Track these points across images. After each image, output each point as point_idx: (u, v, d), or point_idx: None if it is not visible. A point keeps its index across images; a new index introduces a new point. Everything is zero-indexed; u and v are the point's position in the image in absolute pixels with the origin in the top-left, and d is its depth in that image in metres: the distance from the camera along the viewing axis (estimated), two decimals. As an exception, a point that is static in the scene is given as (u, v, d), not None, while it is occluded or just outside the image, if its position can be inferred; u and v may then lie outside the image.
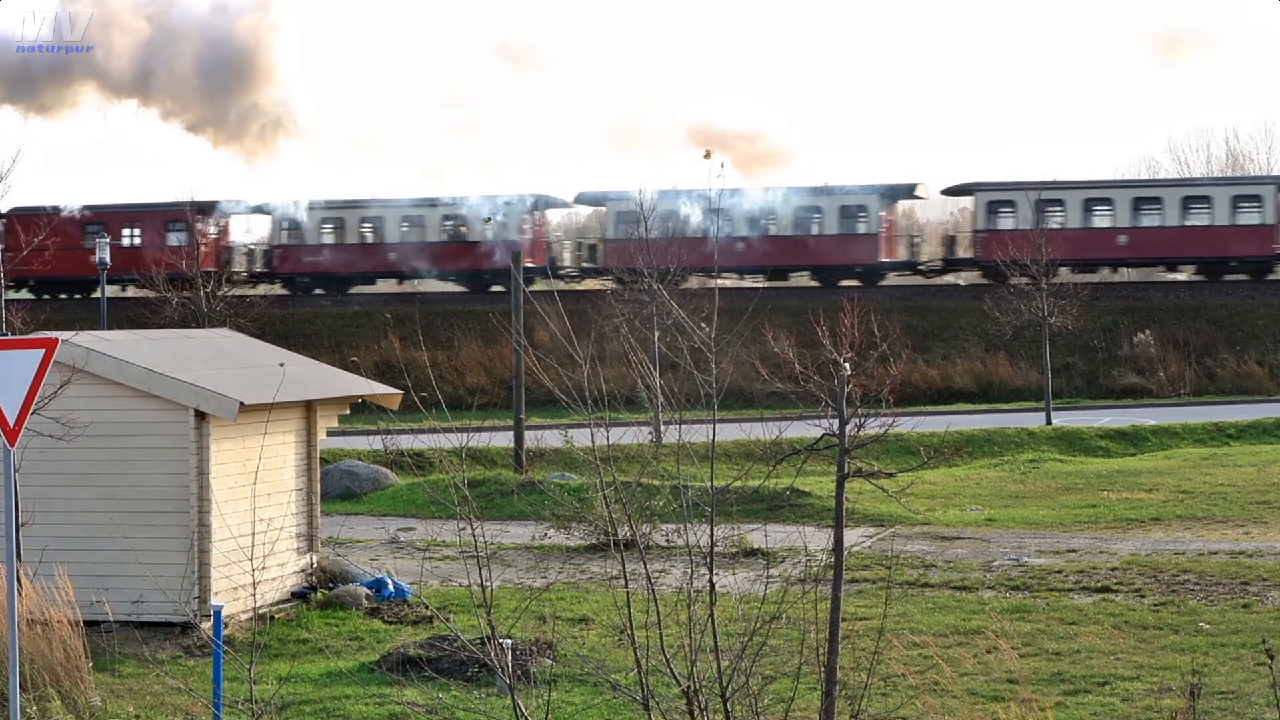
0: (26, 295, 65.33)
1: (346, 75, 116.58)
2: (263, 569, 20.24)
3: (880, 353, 13.06)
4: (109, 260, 53.70)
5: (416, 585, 22.81)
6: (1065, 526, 28.76)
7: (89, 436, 19.18)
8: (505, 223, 65.47)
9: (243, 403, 19.72)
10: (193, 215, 61.86)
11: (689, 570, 11.76)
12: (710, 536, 11.65)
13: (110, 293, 57.13)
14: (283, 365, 21.16)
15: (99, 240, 55.15)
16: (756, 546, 23.29)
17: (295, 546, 22.17)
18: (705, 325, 11.88)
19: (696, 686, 11.37)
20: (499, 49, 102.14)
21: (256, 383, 20.63)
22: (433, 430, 12.57)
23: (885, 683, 16.09)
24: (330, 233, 66.62)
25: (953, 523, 29.31)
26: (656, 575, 11.89)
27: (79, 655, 17.07)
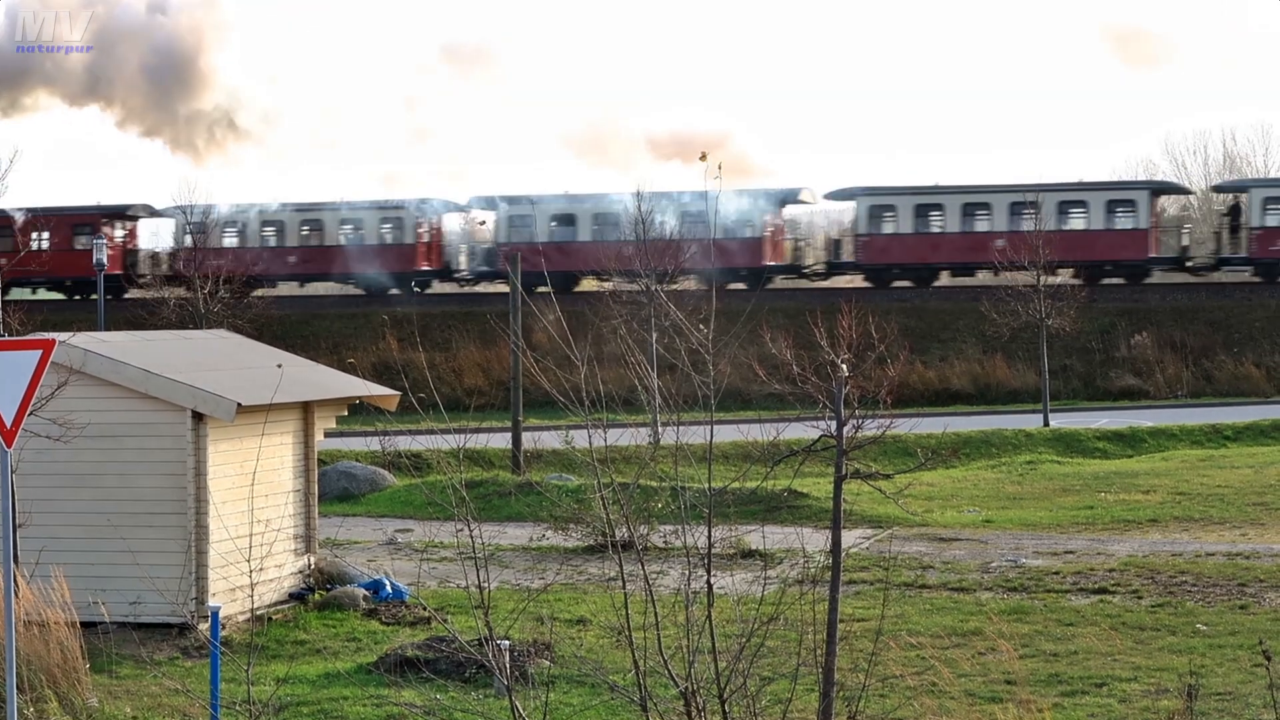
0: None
1: (298, 76, 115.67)
2: (260, 570, 20.22)
3: (878, 354, 13.07)
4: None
5: (414, 586, 22.81)
6: (1063, 528, 28.77)
7: (86, 438, 19.17)
8: (401, 227, 66.40)
9: (240, 404, 19.72)
10: (100, 220, 62.57)
11: (687, 571, 11.77)
12: (708, 538, 11.65)
13: (19, 295, 57.35)
14: (280, 366, 21.16)
15: (95, 241, 55.22)
16: (754, 548, 23.27)
17: (293, 548, 22.16)
18: (704, 327, 11.88)
19: (694, 688, 11.37)
20: (445, 51, 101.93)
21: (254, 384, 20.61)
22: (430, 431, 12.57)
23: (883, 684, 16.09)
24: (234, 236, 66.88)
25: (950, 524, 29.32)
26: (654, 576, 11.89)
27: (76, 656, 17.06)
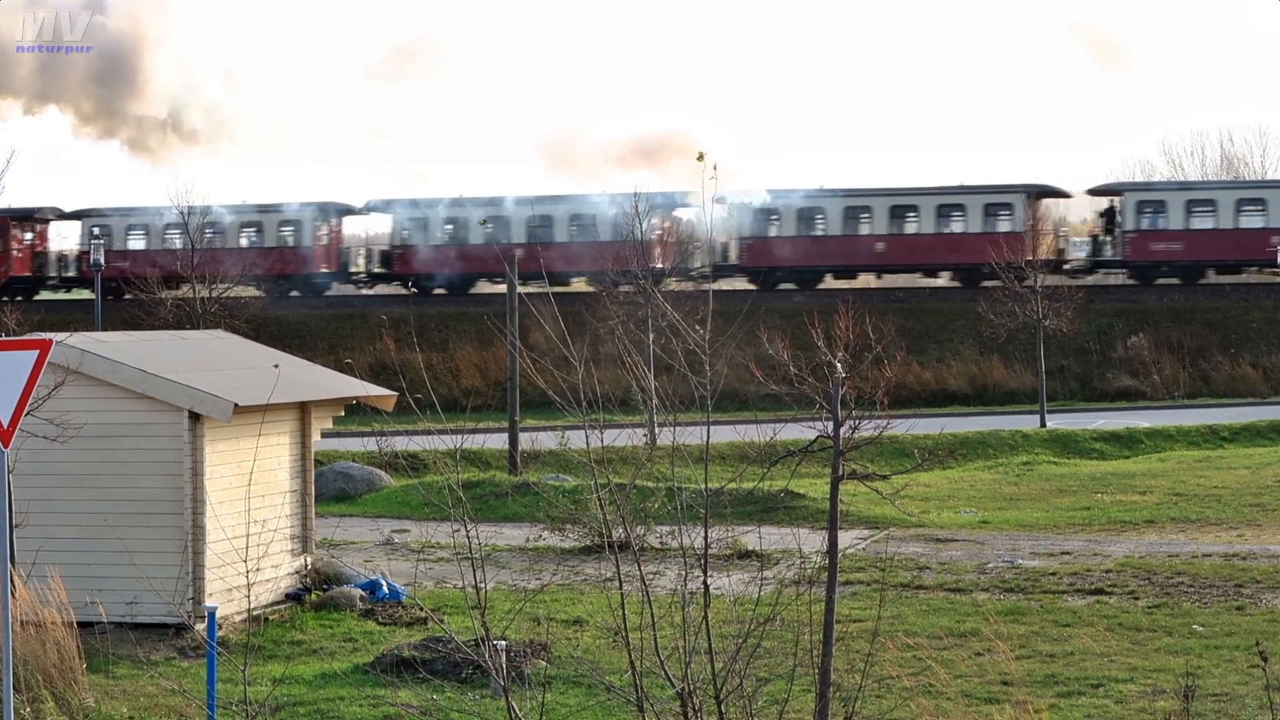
0: None
1: (251, 78, 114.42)
2: (257, 570, 20.20)
3: (875, 355, 13.07)
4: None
5: (411, 587, 22.80)
6: (1059, 529, 28.79)
7: (83, 438, 19.16)
8: (299, 230, 66.74)
9: (237, 404, 19.71)
10: (9, 222, 63.06)
11: (683, 572, 11.76)
12: (705, 538, 11.66)
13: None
14: (277, 367, 21.16)
15: (94, 242, 55.24)
16: (751, 548, 23.26)
17: (290, 548, 22.16)
18: (700, 328, 11.89)
19: (691, 688, 11.37)
20: (396, 51, 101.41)
21: (251, 384, 20.61)
22: (427, 432, 12.58)
23: (879, 685, 16.09)
24: (139, 238, 66.80)
25: (947, 525, 29.33)
26: (651, 577, 11.89)
27: (73, 657, 17.06)
